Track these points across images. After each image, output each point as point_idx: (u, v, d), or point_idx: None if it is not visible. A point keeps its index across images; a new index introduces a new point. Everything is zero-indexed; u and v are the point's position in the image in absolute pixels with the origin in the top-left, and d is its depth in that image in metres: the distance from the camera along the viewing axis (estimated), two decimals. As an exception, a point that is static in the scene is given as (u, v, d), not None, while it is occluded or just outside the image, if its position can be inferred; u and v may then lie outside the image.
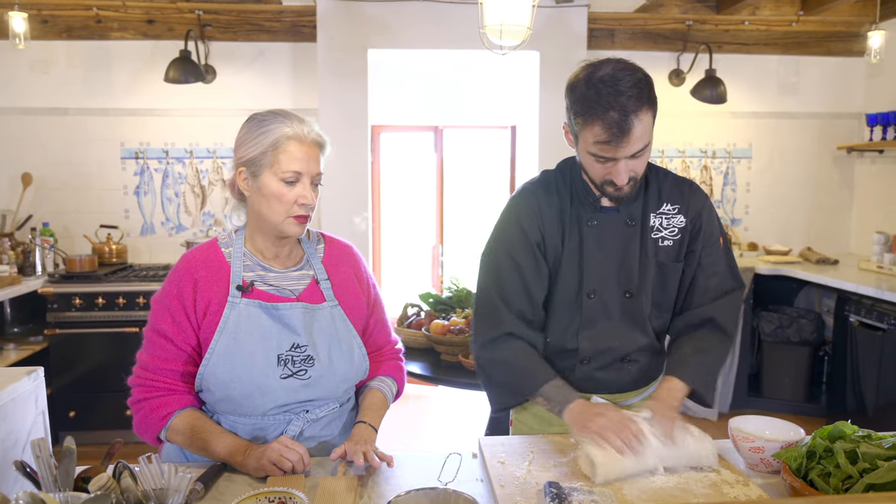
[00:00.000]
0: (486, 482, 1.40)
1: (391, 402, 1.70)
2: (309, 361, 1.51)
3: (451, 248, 5.18)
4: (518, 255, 1.63)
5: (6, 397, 1.36)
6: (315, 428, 1.56)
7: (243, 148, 1.49)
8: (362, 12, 4.17)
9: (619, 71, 1.43)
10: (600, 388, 1.71)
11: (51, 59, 4.41)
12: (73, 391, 3.87)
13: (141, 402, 1.49)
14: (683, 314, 1.70)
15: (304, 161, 1.46)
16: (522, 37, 2.87)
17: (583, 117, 1.45)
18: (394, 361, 1.74)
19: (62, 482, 1.03)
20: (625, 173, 1.49)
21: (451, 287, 3.35)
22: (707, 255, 1.66)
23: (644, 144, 1.46)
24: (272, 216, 1.48)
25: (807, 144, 4.93)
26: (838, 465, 1.20)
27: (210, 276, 1.51)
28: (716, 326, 1.65)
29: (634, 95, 1.41)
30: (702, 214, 1.66)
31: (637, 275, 1.63)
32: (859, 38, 4.74)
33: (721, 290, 1.67)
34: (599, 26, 4.59)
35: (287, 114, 1.50)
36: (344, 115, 4.18)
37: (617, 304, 1.64)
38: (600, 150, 1.46)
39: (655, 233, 1.64)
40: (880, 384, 3.60)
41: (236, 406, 1.50)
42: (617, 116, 1.40)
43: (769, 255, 4.67)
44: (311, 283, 1.58)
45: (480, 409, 4.16)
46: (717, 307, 1.66)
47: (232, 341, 1.47)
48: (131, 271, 4.18)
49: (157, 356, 1.48)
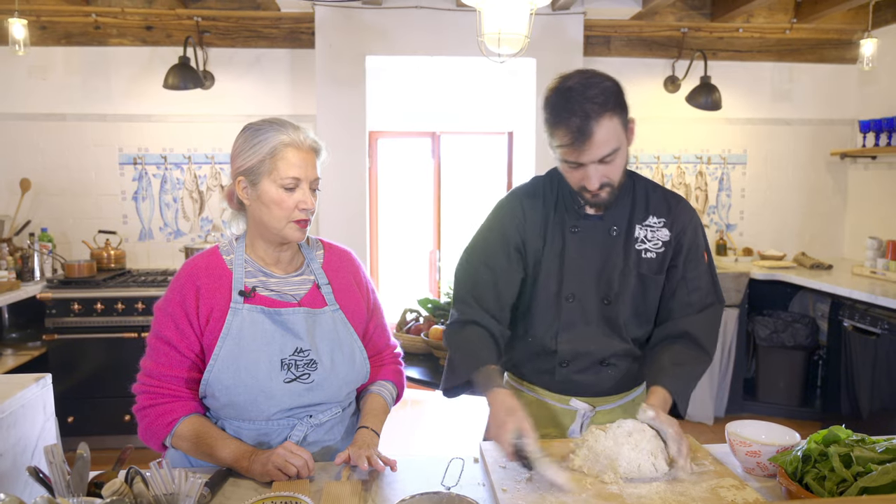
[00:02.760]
0: (487, 486, 1.42)
1: (391, 407, 1.72)
2: (312, 365, 1.53)
3: (449, 253, 5.20)
4: (494, 258, 1.69)
5: (15, 404, 1.37)
6: (318, 432, 1.57)
7: (241, 158, 1.51)
8: (360, 19, 4.20)
9: (587, 79, 1.50)
10: (580, 391, 1.75)
11: (49, 65, 4.43)
12: (72, 397, 3.87)
13: (146, 409, 1.50)
14: (663, 325, 1.71)
15: (301, 167, 1.49)
16: (520, 45, 2.90)
17: (550, 124, 1.52)
18: (393, 366, 1.76)
19: (75, 488, 1.05)
20: (595, 179, 1.53)
21: (449, 292, 3.37)
22: (690, 270, 1.68)
23: (611, 149, 1.50)
24: (274, 222, 1.50)
25: (801, 150, 4.98)
26: (833, 468, 1.23)
27: (212, 282, 1.53)
28: (693, 342, 1.66)
29: (599, 102, 1.46)
30: (687, 230, 1.68)
31: (617, 283, 1.67)
32: (852, 45, 4.80)
33: (699, 304, 1.68)
34: (595, 33, 4.64)
35: (282, 122, 1.52)
36: (342, 121, 4.20)
37: (595, 309, 1.68)
38: (564, 153, 1.52)
39: (639, 244, 1.67)
40: (874, 388, 3.64)
41: (241, 411, 1.51)
42: (578, 121, 1.46)
43: (764, 260, 4.71)
44: (313, 288, 1.60)
45: (480, 414, 4.17)
46: (695, 322, 1.67)
47: (235, 347, 1.49)
48: (129, 277, 4.19)
49: (161, 363, 1.50)
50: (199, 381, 1.53)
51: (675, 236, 1.67)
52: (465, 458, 1.54)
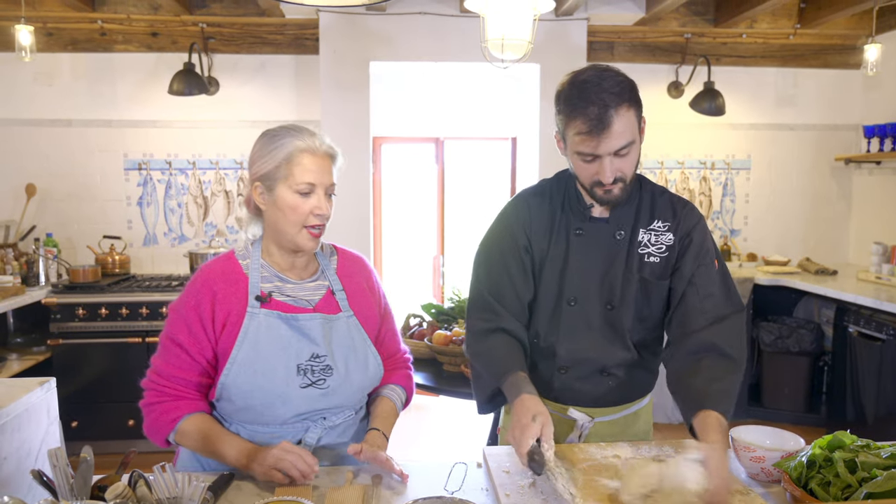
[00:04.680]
0: (490, 492, 1.42)
1: (400, 411, 1.73)
2: (328, 371, 1.54)
3: (453, 258, 5.20)
4: (506, 257, 1.68)
5: (20, 408, 1.37)
6: (332, 435, 1.58)
7: (258, 163, 1.53)
8: (364, 25, 4.21)
9: (602, 72, 1.50)
10: (579, 400, 1.70)
11: (55, 71, 4.45)
12: (76, 401, 3.87)
13: (152, 405, 1.51)
14: (682, 342, 1.59)
15: (317, 173, 1.51)
16: (524, 51, 2.91)
17: (566, 114, 1.52)
18: (403, 370, 1.77)
19: (79, 491, 1.05)
20: (610, 172, 1.51)
21: (452, 297, 3.37)
22: (700, 276, 1.61)
23: (627, 141, 1.49)
24: (288, 228, 1.52)
25: (805, 156, 4.97)
26: (838, 474, 1.23)
27: (228, 287, 1.54)
28: (720, 353, 1.53)
29: (616, 92, 1.47)
30: (692, 233, 1.64)
31: (619, 287, 1.64)
32: (856, 50, 4.79)
33: (718, 314, 1.58)
34: (599, 39, 4.64)
35: (298, 128, 1.54)
36: (346, 126, 4.21)
37: (598, 314, 1.65)
38: (582, 142, 1.50)
39: (643, 248, 1.64)
40: (880, 394, 3.62)
41: (256, 415, 1.52)
42: (597, 110, 1.46)
43: (768, 265, 4.70)
44: (327, 294, 1.61)
45: (482, 420, 4.16)
46: (717, 332, 1.55)
47: (253, 351, 1.49)
48: (134, 282, 4.20)
49: (172, 364, 1.51)
50: (208, 385, 1.54)
51: (679, 240, 1.64)
52: (469, 462, 1.53)
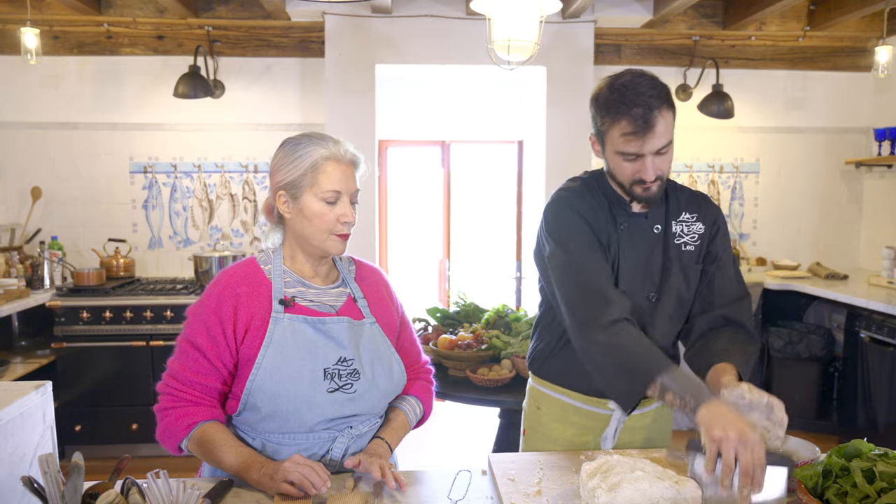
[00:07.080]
0: (495, 500, 1.39)
1: (413, 426, 1.68)
2: (355, 375, 1.51)
3: (458, 262, 5.17)
4: (592, 243, 1.65)
5: (14, 412, 1.35)
6: (358, 444, 1.55)
7: (281, 172, 1.52)
8: (370, 28, 4.20)
9: (637, 76, 1.56)
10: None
11: (61, 74, 4.45)
12: (80, 405, 3.86)
13: (167, 409, 1.47)
14: (704, 315, 1.73)
15: (342, 180, 1.50)
16: (530, 52, 2.88)
17: (609, 117, 1.56)
18: (424, 382, 1.74)
19: (69, 499, 1.02)
20: (652, 170, 1.57)
21: (458, 302, 3.35)
22: (725, 259, 1.74)
23: (667, 142, 1.56)
24: (316, 235, 1.51)
25: (814, 159, 4.91)
26: (855, 484, 1.19)
27: (252, 290, 1.51)
28: (742, 328, 1.69)
29: (655, 95, 1.53)
30: (717, 220, 1.76)
31: (659, 279, 1.69)
32: (866, 53, 4.74)
33: (735, 294, 1.73)
34: (606, 41, 4.61)
35: (321, 135, 1.54)
36: (351, 129, 4.19)
37: (639, 306, 1.68)
38: (626, 142, 1.55)
39: (678, 238, 1.72)
40: (891, 401, 3.57)
41: (282, 422, 1.48)
42: (641, 111, 1.52)
43: (778, 270, 4.65)
44: (349, 301, 1.60)
45: (488, 425, 4.13)
46: (738, 309, 1.71)
47: (279, 355, 1.46)
48: (139, 285, 4.18)
49: (189, 368, 1.47)
50: (225, 392, 1.51)
51: (708, 228, 1.74)
52: (473, 470, 1.50)
